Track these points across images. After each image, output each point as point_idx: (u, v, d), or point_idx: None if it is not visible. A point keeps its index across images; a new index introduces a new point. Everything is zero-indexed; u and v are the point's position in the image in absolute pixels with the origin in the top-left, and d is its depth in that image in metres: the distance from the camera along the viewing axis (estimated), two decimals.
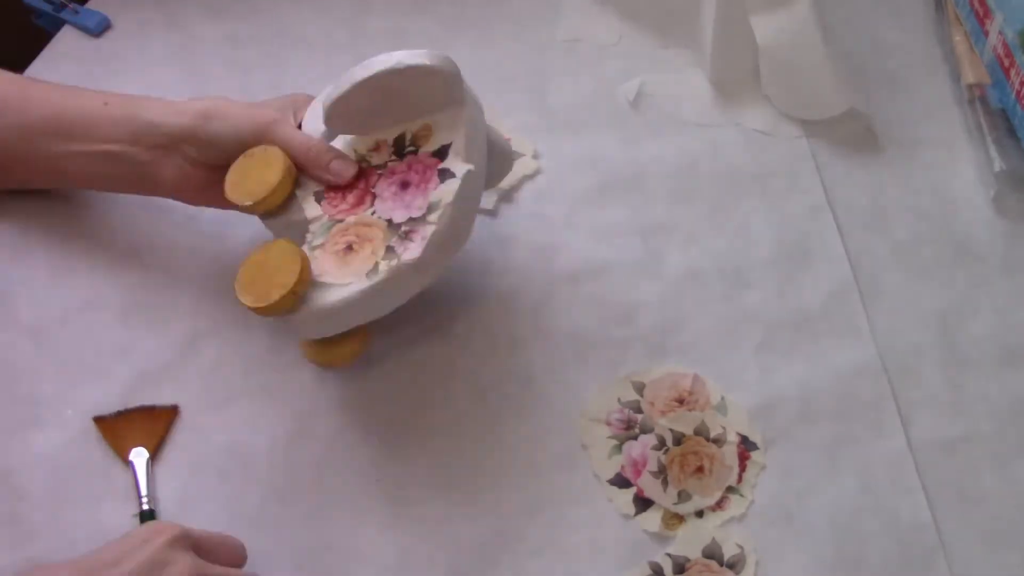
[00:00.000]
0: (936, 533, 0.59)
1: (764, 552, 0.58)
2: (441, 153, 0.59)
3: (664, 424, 0.62)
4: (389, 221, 0.58)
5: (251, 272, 0.56)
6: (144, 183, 0.63)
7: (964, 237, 0.71)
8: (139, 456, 0.60)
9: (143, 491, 0.58)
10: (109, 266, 0.68)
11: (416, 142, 0.60)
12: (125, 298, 0.66)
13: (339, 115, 0.59)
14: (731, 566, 0.58)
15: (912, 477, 0.61)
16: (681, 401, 0.63)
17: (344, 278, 0.56)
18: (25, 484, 0.59)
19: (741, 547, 0.58)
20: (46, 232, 0.69)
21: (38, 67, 0.78)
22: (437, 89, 0.59)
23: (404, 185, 0.59)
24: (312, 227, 0.59)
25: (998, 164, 0.71)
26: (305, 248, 0.58)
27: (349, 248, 0.57)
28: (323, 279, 0.57)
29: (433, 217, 0.57)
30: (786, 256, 0.70)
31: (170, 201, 0.66)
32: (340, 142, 0.61)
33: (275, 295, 0.55)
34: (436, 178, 0.58)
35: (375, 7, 0.82)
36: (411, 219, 0.57)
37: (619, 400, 0.63)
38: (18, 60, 0.78)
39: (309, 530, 0.59)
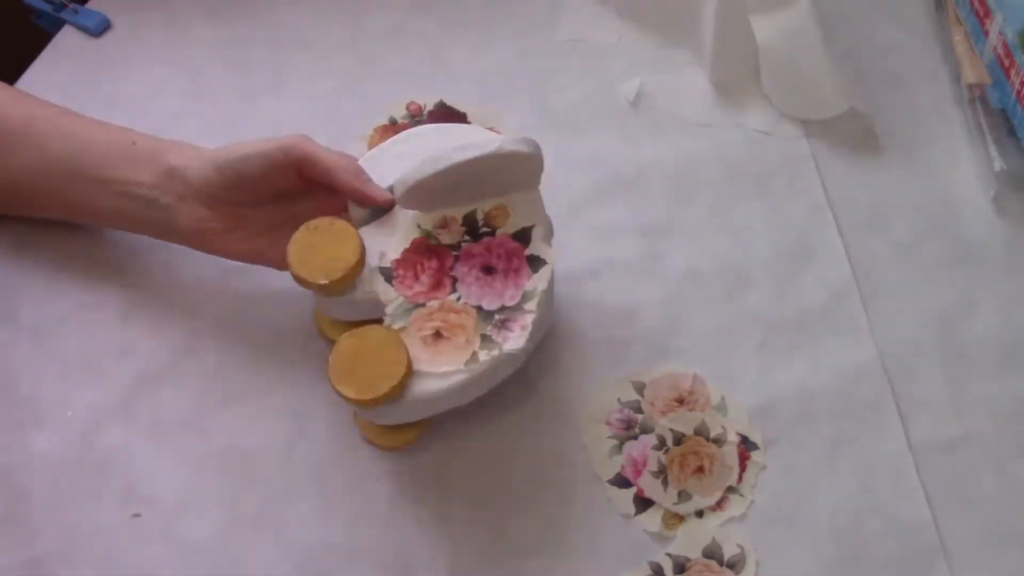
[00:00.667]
0: (936, 533, 0.59)
1: (764, 552, 0.58)
2: (523, 237, 0.58)
3: (664, 424, 0.62)
4: (479, 308, 0.56)
5: (348, 361, 0.53)
6: (162, 228, 0.62)
7: (964, 237, 0.71)
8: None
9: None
10: (109, 266, 0.68)
11: (490, 222, 0.59)
12: (125, 298, 0.66)
13: (418, 194, 0.57)
14: (731, 566, 0.58)
15: (912, 477, 0.61)
16: (681, 401, 0.63)
17: (440, 367, 0.55)
18: (25, 484, 0.60)
19: (741, 547, 0.58)
20: (46, 232, 0.69)
21: (38, 67, 0.78)
22: (520, 173, 0.58)
23: (488, 270, 0.57)
24: (389, 309, 0.56)
25: (998, 164, 0.71)
26: None
27: (438, 335, 0.56)
28: (418, 367, 0.54)
29: (531, 306, 0.56)
30: (786, 256, 0.70)
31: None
32: (401, 216, 0.59)
33: (384, 387, 0.52)
34: (527, 266, 0.57)
35: (374, 7, 0.82)
36: (504, 307, 0.56)
37: (619, 400, 0.63)
38: (18, 60, 0.78)
39: (309, 530, 0.59)
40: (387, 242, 0.58)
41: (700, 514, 0.59)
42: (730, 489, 0.60)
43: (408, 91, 0.77)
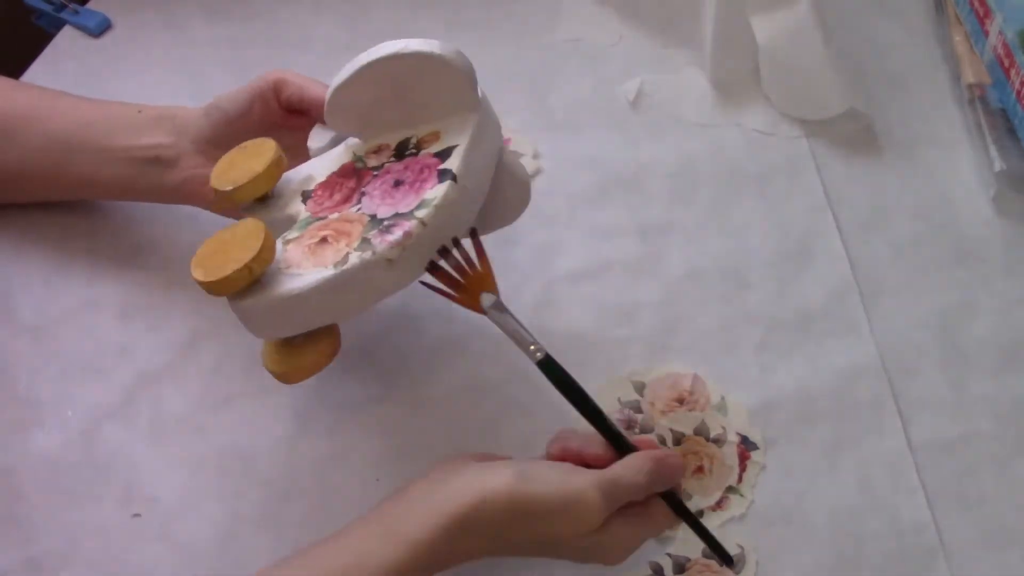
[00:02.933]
0: (936, 533, 0.59)
1: (764, 552, 0.58)
2: (444, 154, 0.54)
3: (664, 424, 0.62)
4: (373, 216, 0.53)
5: (211, 247, 0.52)
6: (164, 188, 0.63)
7: (964, 237, 0.71)
8: (490, 300, 0.53)
9: (528, 336, 0.53)
10: (109, 266, 0.68)
11: (420, 146, 0.56)
12: (125, 298, 0.66)
13: (341, 108, 0.56)
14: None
15: (912, 477, 0.61)
16: (681, 401, 0.63)
17: (310, 267, 0.51)
18: (25, 484, 0.60)
19: (741, 547, 0.58)
20: (46, 231, 0.69)
21: (38, 67, 0.79)
22: (448, 88, 0.54)
23: (397, 184, 0.54)
24: (295, 225, 0.56)
25: (998, 164, 0.71)
26: (279, 241, 0.54)
27: (323, 241, 0.53)
28: (288, 269, 0.52)
29: (421, 213, 0.51)
30: (786, 256, 0.70)
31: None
32: (341, 148, 0.59)
33: (228, 268, 0.50)
34: (434, 178, 0.53)
35: (374, 7, 0.82)
36: (396, 214, 0.52)
37: (619, 400, 0.63)
38: (18, 60, 0.78)
39: (310, 529, 0.59)
40: (318, 167, 0.58)
41: (700, 514, 0.59)
42: (730, 489, 0.60)
43: None
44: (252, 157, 0.56)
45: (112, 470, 0.60)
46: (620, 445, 0.52)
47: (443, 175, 0.53)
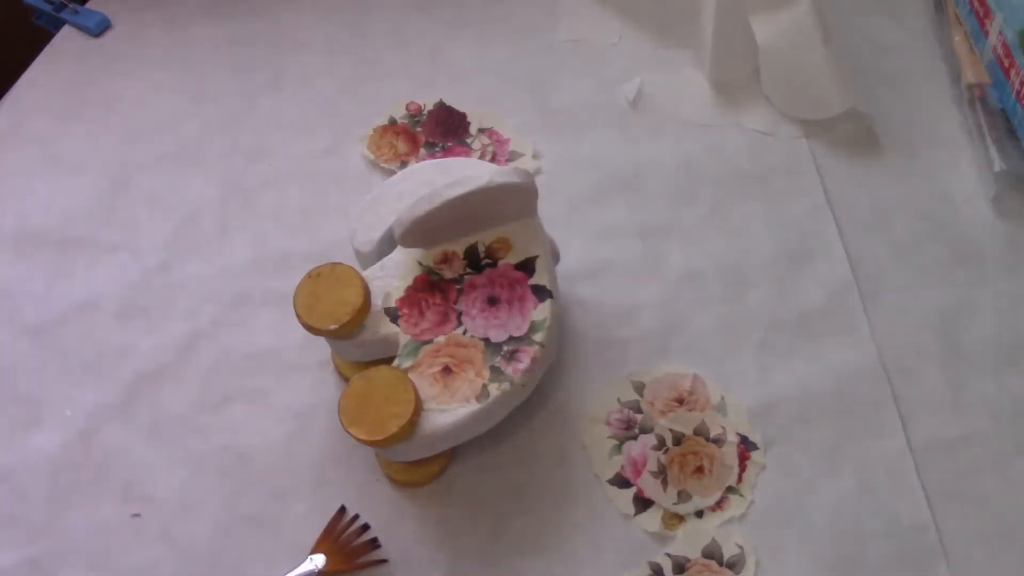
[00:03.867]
0: (935, 533, 0.59)
1: (764, 552, 0.58)
2: (527, 268, 0.58)
3: (664, 424, 0.62)
4: (486, 340, 0.57)
5: (357, 403, 0.54)
6: None
7: (964, 237, 0.71)
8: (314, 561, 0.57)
9: None
10: (109, 266, 0.68)
11: (492, 254, 0.59)
12: (125, 298, 0.66)
13: (415, 232, 0.58)
14: (731, 566, 0.58)
15: (912, 477, 0.61)
16: (681, 401, 0.63)
17: (451, 402, 0.55)
18: (25, 484, 0.60)
19: (741, 547, 0.58)
20: (48, 230, 0.69)
21: (38, 67, 0.79)
22: (516, 203, 0.58)
23: (492, 302, 0.57)
24: (399, 350, 0.57)
25: (998, 164, 0.71)
26: None
27: (447, 370, 0.56)
28: (429, 404, 0.55)
29: (539, 337, 0.56)
30: (786, 256, 0.70)
31: (172, 200, 0.66)
32: (401, 255, 0.59)
33: (393, 427, 0.53)
34: (532, 296, 0.57)
35: (375, 7, 0.82)
36: (511, 339, 0.57)
37: (619, 400, 0.63)
38: (18, 60, 0.78)
39: (308, 530, 0.59)
40: (391, 282, 0.59)
41: (700, 514, 0.59)
42: (730, 489, 0.60)
43: (408, 91, 0.77)
44: (337, 287, 0.57)
45: (112, 470, 0.60)
46: None
47: (541, 293, 0.58)
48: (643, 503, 0.60)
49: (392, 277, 0.59)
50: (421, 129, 0.75)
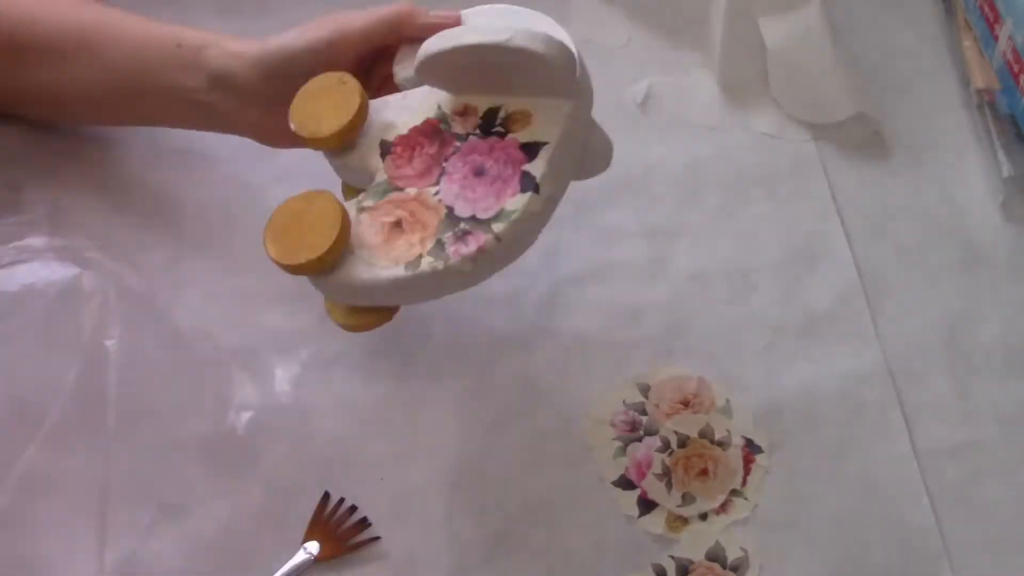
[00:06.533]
0: (941, 539, 0.59)
1: (768, 556, 0.58)
2: (531, 150, 0.52)
3: (669, 426, 0.62)
4: (450, 210, 0.52)
5: (286, 220, 0.51)
6: (229, 129, 0.62)
7: (972, 242, 0.71)
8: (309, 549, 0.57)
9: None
10: (112, 264, 0.68)
11: (508, 124, 0.53)
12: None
13: (433, 70, 0.54)
14: (735, 569, 0.58)
15: (917, 483, 0.60)
16: (686, 403, 0.63)
17: (381, 260, 0.51)
18: None
19: (745, 550, 0.58)
20: (50, 229, 0.69)
21: None
22: (546, 77, 0.52)
23: (479, 172, 0.53)
24: (372, 184, 0.54)
25: (1007, 169, 0.71)
26: (352, 205, 0.53)
27: (398, 224, 0.52)
28: (360, 252, 0.52)
29: (498, 227, 0.50)
30: (793, 259, 0.69)
31: (177, 195, 0.66)
32: (427, 92, 0.55)
33: (302, 257, 0.50)
34: (517, 181, 0.51)
35: (383, 7, 0.82)
36: (474, 218, 0.51)
37: (624, 402, 0.63)
38: None
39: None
40: (401, 115, 0.55)
41: (704, 517, 0.59)
42: (734, 492, 0.60)
43: None
44: (335, 99, 0.54)
45: None
46: None
47: (526, 182, 0.51)
48: (647, 505, 0.60)
49: (406, 110, 0.55)
50: None
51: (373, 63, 0.59)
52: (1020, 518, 0.60)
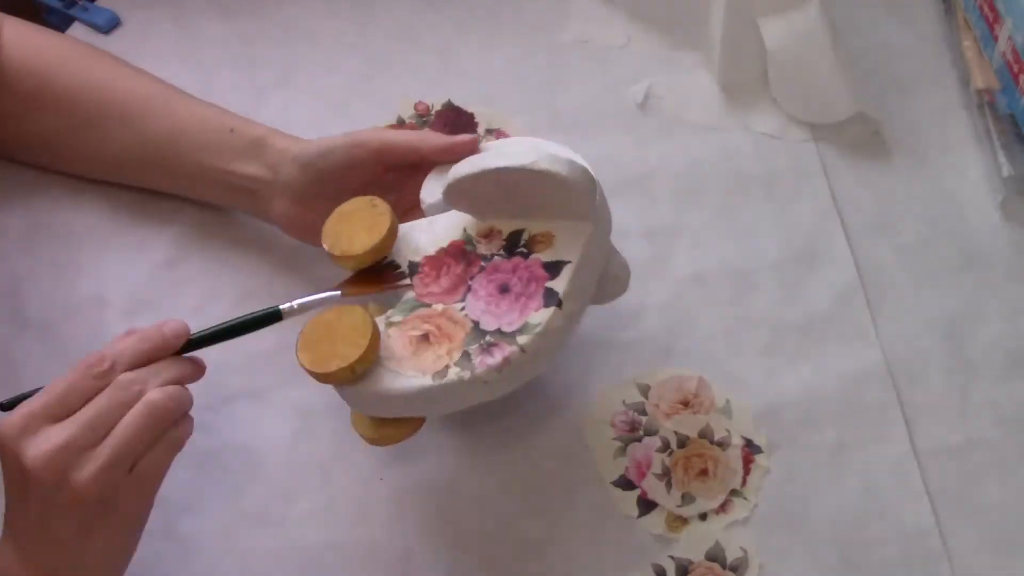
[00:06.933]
0: (940, 539, 0.59)
1: (767, 556, 0.58)
2: (553, 269, 0.54)
3: (669, 427, 0.62)
4: (476, 324, 0.54)
5: (318, 332, 0.53)
6: (260, 214, 0.64)
7: (971, 242, 0.71)
8: None
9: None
10: (115, 262, 0.68)
11: (532, 245, 0.55)
12: (131, 295, 0.67)
13: (460, 194, 0.56)
14: (734, 569, 0.58)
15: (917, 483, 0.60)
16: (686, 403, 0.63)
17: (409, 370, 0.53)
18: None
19: (745, 550, 0.58)
20: (53, 227, 0.69)
21: None
22: (568, 200, 0.54)
23: (503, 289, 0.54)
24: (400, 302, 0.56)
25: (1006, 169, 0.71)
26: (382, 321, 0.55)
27: (425, 338, 0.54)
28: (389, 363, 0.53)
29: (523, 340, 0.52)
30: (793, 260, 0.69)
31: (178, 199, 0.66)
32: (453, 217, 0.58)
33: (333, 365, 0.52)
34: (540, 297, 0.53)
35: (384, 5, 0.82)
36: (499, 331, 0.53)
37: (624, 402, 0.63)
38: None
39: (312, 528, 0.59)
40: (428, 238, 0.57)
41: (703, 517, 0.59)
42: (734, 492, 0.60)
43: (416, 91, 0.77)
44: (366, 222, 0.56)
45: None
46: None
47: (549, 297, 0.53)
48: (647, 505, 0.60)
49: (433, 233, 0.57)
50: (429, 129, 0.75)
51: (403, 180, 0.62)
52: (1020, 518, 0.60)
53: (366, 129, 0.62)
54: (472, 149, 0.59)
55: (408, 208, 0.61)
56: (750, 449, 0.62)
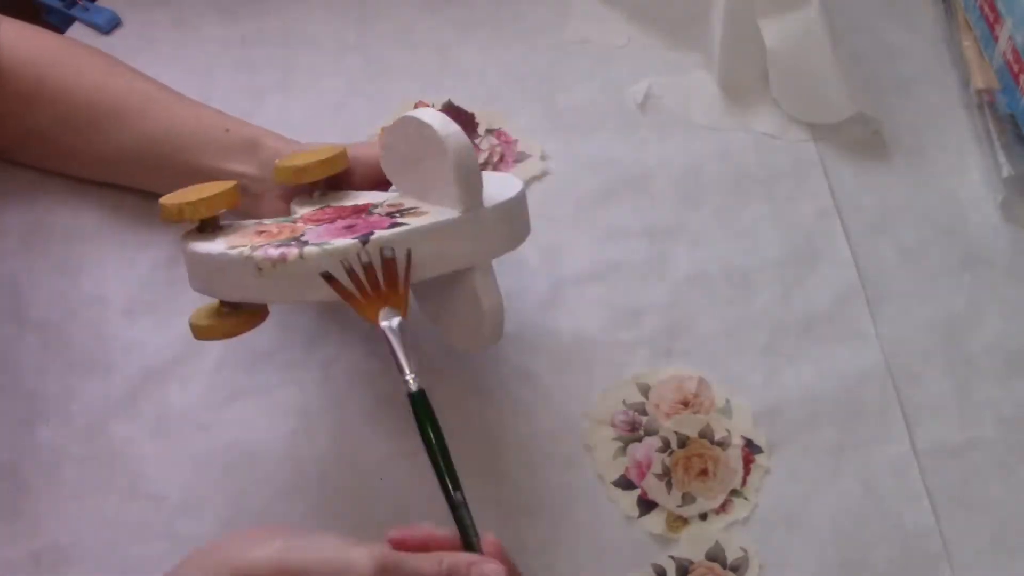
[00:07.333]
0: (940, 539, 0.59)
1: (767, 556, 0.58)
2: (392, 226, 0.53)
3: (669, 427, 0.62)
4: (300, 234, 0.54)
5: (197, 187, 0.57)
6: (250, 212, 0.64)
7: (971, 242, 0.71)
8: (390, 317, 0.52)
9: (405, 365, 0.51)
10: (116, 262, 0.68)
11: (404, 215, 0.55)
12: (131, 294, 0.67)
13: (385, 155, 0.59)
14: (734, 569, 0.58)
15: (916, 483, 0.60)
16: (686, 403, 0.63)
17: (223, 244, 0.54)
18: (30, 478, 0.60)
19: (745, 550, 0.58)
20: (53, 227, 0.69)
21: None
22: (444, 173, 0.53)
23: (347, 226, 0.54)
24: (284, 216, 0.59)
25: (1006, 170, 0.71)
26: (252, 222, 0.58)
27: (260, 233, 0.56)
28: (223, 239, 0.55)
29: (308, 251, 0.51)
30: (792, 259, 0.69)
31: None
32: (387, 195, 0.60)
33: (172, 200, 0.55)
34: (356, 233, 0.52)
35: (384, 8, 0.82)
36: (300, 240, 0.53)
37: (624, 402, 0.63)
38: None
39: (313, 528, 0.59)
40: (368, 196, 0.61)
41: (704, 517, 0.59)
42: (734, 492, 0.60)
43: (416, 91, 0.77)
44: (317, 154, 0.60)
45: (117, 466, 0.60)
46: (463, 533, 0.48)
47: (362, 237, 0.52)
48: (647, 505, 0.60)
49: (363, 198, 0.60)
50: None
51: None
52: (1019, 517, 0.60)
53: (361, 144, 0.62)
54: None
55: None
56: (750, 449, 0.62)
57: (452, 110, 0.76)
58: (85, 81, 0.66)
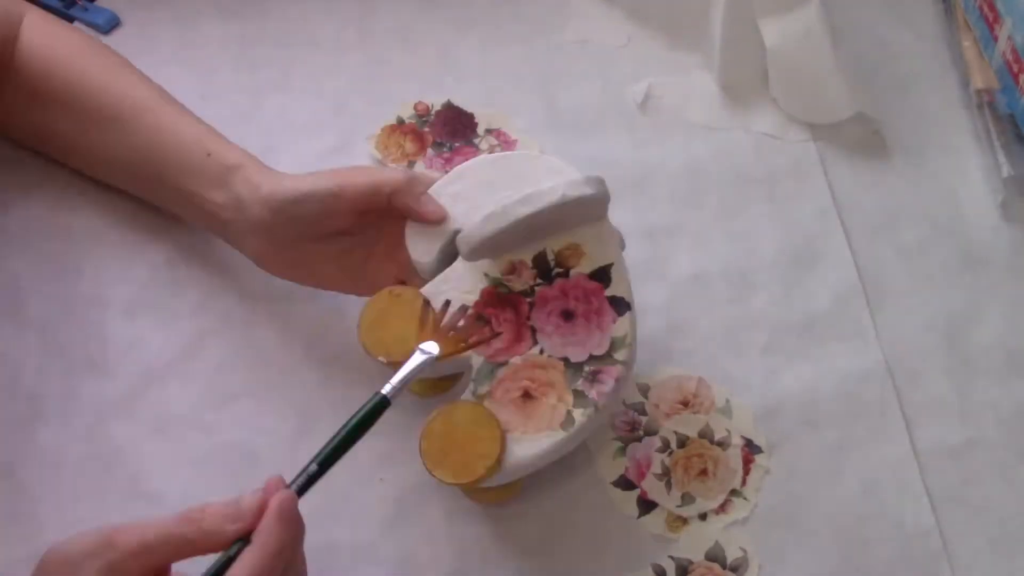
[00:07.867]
0: (940, 539, 0.59)
1: (767, 556, 0.58)
2: (601, 277, 0.54)
3: (669, 427, 0.62)
4: (566, 360, 0.54)
5: (440, 443, 0.52)
6: (235, 245, 0.63)
7: (971, 242, 0.71)
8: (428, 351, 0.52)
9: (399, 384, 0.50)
10: (116, 262, 0.68)
11: (563, 263, 0.55)
12: (132, 294, 0.67)
13: (488, 249, 0.55)
14: (734, 569, 0.58)
15: (916, 482, 0.61)
16: (686, 404, 0.63)
17: (534, 431, 0.53)
18: (29, 479, 0.60)
19: (744, 550, 0.58)
20: (53, 227, 0.69)
21: None
22: (587, 211, 0.54)
23: (567, 317, 0.54)
24: (472, 373, 0.54)
25: (1006, 169, 0.71)
26: (468, 393, 0.54)
27: (527, 395, 0.53)
28: (510, 433, 0.53)
29: (621, 355, 0.53)
30: (792, 260, 0.69)
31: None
32: (464, 266, 0.56)
33: (480, 469, 0.51)
34: (609, 309, 0.54)
35: (383, 7, 0.82)
36: (593, 357, 0.53)
37: (624, 402, 0.63)
38: None
39: (313, 528, 0.59)
40: (457, 296, 0.55)
41: (703, 517, 0.59)
42: (734, 492, 0.60)
43: (416, 91, 0.77)
44: (403, 315, 0.54)
45: (117, 466, 0.60)
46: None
47: (619, 305, 0.54)
48: (647, 505, 0.60)
49: (457, 291, 0.55)
50: (429, 129, 0.75)
51: (376, 218, 0.60)
52: (1019, 516, 0.60)
53: (341, 172, 0.59)
54: (439, 220, 0.57)
55: (389, 242, 0.60)
56: (750, 449, 0.62)
57: (452, 110, 0.76)
58: (91, 80, 0.65)
